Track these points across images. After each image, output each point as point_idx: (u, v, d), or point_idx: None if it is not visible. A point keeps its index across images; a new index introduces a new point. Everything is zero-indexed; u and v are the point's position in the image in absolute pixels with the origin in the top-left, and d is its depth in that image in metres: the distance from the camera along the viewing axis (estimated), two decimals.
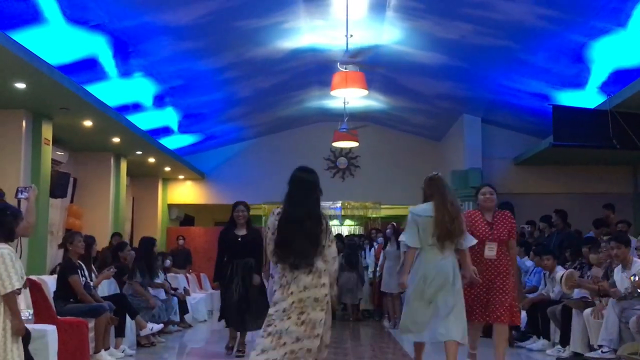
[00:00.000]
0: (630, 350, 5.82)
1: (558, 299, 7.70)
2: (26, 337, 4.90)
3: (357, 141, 13.05)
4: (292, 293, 4.45)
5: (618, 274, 6.65)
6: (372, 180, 15.56)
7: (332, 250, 4.59)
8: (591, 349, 6.70)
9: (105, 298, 7.25)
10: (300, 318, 4.41)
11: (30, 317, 5.55)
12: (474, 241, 5.45)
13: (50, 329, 5.55)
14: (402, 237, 7.58)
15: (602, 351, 6.23)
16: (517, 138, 13.25)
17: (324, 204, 17.71)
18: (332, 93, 9.85)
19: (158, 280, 9.00)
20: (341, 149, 15.13)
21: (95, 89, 9.08)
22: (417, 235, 5.34)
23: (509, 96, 11.38)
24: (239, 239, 7.39)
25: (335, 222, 18.26)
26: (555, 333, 7.64)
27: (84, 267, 7.08)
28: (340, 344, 8.75)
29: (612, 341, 6.05)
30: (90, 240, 7.55)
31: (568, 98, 9.98)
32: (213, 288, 11.65)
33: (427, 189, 5.51)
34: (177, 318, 9.74)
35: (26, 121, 9.13)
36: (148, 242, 8.98)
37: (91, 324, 6.54)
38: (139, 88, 10.17)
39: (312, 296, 4.45)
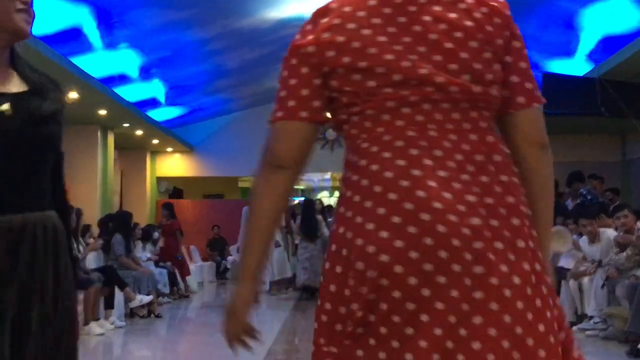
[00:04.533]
0: (614, 312, 5.86)
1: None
2: None
3: None
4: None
5: (586, 247, 6.79)
6: None
7: None
8: (580, 318, 6.75)
9: (93, 270, 7.22)
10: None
11: None
12: None
13: None
14: None
15: (593, 322, 6.24)
16: None
17: (313, 175, 17.90)
18: None
19: (139, 255, 8.92)
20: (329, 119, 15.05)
21: (80, 61, 8.95)
22: None
23: None
24: None
25: (325, 193, 18.29)
26: None
27: (72, 240, 7.04)
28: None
29: (602, 311, 6.07)
30: (78, 213, 7.49)
31: (557, 66, 9.94)
32: None
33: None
34: (166, 290, 9.73)
35: None
36: (124, 216, 8.80)
37: (80, 296, 6.52)
38: (125, 60, 10.04)
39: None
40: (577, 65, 9.58)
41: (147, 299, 7.79)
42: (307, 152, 1.50)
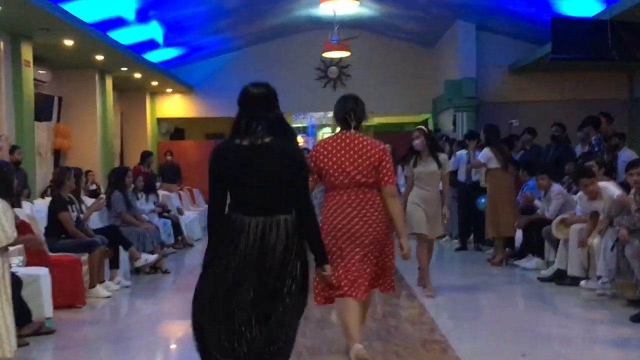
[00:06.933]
0: (624, 284, 5.84)
1: (553, 218, 7.64)
2: (17, 285, 4.84)
3: (348, 51, 12.72)
4: None
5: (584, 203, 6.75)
6: (364, 89, 15.04)
7: None
8: (587, 273, 6.71)
9: (97, 230, 7.15)
10: None
11: (20, 264, 5.45)
12: None
13: (43, 273, 5.45)
14: None
15: (601, 282, 6.17)
16: (513, 45, 12.89)
17: (315, 114, 17.74)
18: (322, 3, 9.47)
19: (142, 207, 8.85)
20: (332, 58, 14.73)
21: (75, 6, 8.66)
22: None
23: (505, 1, 10.98)
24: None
25: (327, 129, 18.15)
26: (550, 252, 7.65)
27: (75, 201, 6.96)
28: None
29: (611, 272, 5.99)
30: (78, 172, 7.38)
31: (567, 7, 9.62)
32: None
33: None
34: (171, 240, 9.71)
35: (4, 43, 8.79)
36: (119, 173, 8.46)
37: (84, 257, 6.48)
38: (121, 1, 9.73)
39: None
40: (587, 5, 9.27)
41: (152, 258, 7.72)
42: (315, 184, 4.46)
